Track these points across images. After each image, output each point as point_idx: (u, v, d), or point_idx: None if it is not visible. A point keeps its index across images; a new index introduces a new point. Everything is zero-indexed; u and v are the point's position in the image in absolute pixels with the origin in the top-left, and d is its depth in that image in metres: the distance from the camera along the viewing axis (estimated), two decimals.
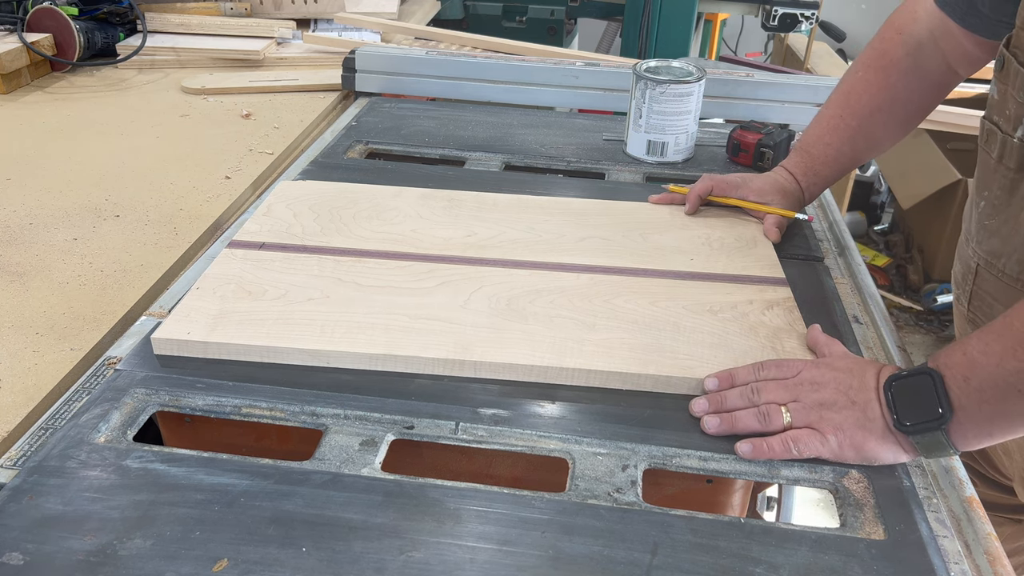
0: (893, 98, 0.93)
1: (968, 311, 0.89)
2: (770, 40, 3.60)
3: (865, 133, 0.94)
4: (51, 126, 1.30)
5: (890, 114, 0.93)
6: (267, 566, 0.54)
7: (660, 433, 0.66)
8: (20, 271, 0.89)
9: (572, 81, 1.38)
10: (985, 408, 0.60)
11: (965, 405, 0.60)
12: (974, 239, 0.86)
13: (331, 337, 0.73)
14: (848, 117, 0.95)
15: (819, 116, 0.98)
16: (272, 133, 1.30)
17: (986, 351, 0.60)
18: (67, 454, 0.62)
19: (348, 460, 0.63)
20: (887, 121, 0.94)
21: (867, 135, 0.95)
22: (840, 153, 0.96)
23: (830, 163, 0.97)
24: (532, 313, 0.78)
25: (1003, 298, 0.82)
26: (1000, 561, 0.57)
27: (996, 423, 0.60)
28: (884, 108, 0.93)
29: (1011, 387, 0.58)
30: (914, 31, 0.91)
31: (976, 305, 0.87)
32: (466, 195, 1.01)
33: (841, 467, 0.64)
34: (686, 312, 0.79)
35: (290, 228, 0.92)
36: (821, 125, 0.97)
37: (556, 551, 0.56)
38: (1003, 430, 0.61)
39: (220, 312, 0.76)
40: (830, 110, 0.97)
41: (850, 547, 0.57)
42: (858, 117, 0.94)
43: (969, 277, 0.87)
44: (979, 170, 0.84)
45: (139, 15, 1.61)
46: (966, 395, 0.60)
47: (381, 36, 1.73)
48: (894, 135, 0.96)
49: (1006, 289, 0.81)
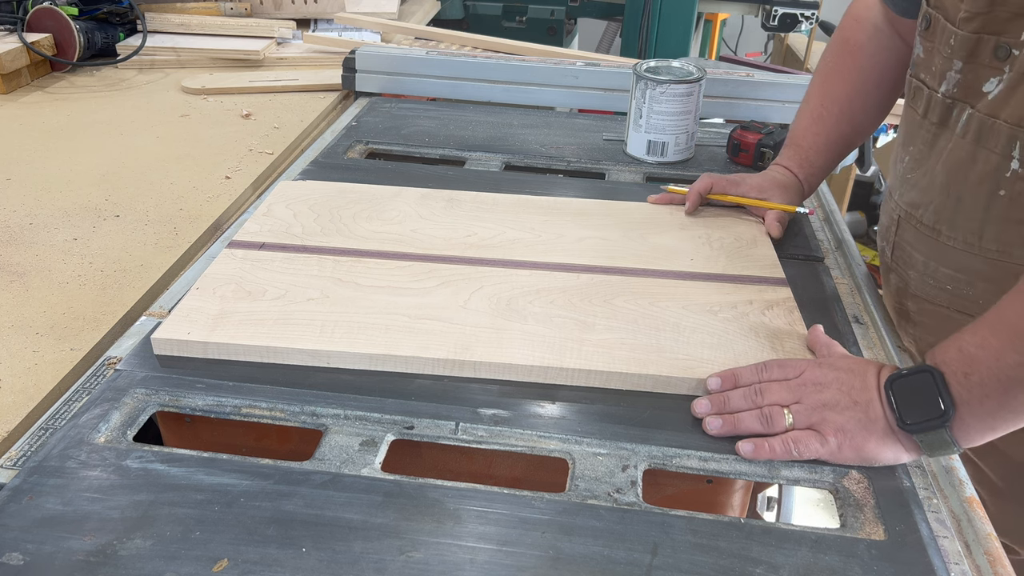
0: (865, 80, 0.96)
1: (892, 261, 0.91)
2: (770, 40, 3.60)
3: (848, 118, 0.97)
4: (51, 126, 1.30)
5: (867, 96, 0.97)
6: (267, 566, 0.54)
7: (660, 433, 0.66)
8: (20, 271, 0.89)
9: (572, 81, 1.38)
10: (987, 403, 0.60)
11: (967, 400, 0.60)
12: (897, 192, 0.88)
13: (331, 337, 0.73)
14: (829, 104, 0.98)
15: (801, 110, 1.01)
16: (272, 133, 1.30)
17: (983, 345, 0.60)
18: (67, 454, 0.62)
19: (348, 460, 0.63)
20: (865, 104, 0.97)
21: (850, 120, 0.98)
22: (829, 141, 0.98)
23: (822, 151, 0.99)
24: (532, 313, 0.78)
25: (921, 247, 0.84)
26: (1000, 561, 0.57)
27: (999, 416, 0.60)
28: (860, 92, 0.96)
29: (1012, 380, 0.58)
30: (869, 16, 0.96)
31: (897, 255, 0.90)
32: (466, 195, 1.01)
33: (841, 467, 0.64)
34: (686, 312, 0.79)
35: (290, 228, 0.92)
36: (805, 117, 1.00)
37: (556, 551, 0.56)
38: (1006, 422, 0.61)
39: (220, 312, 0.76)
40: (811, 102, 1.00)
41: (850, 547, 0.57)
42: (838, 103, 0.97)
43: (892, 229, 0.90)
44: (904, 126, 0.87)
45: (139, 15, 1.61)
46: (967, 391, 0.60)
47: (381, 36, 1.73)
48: (875, 117, 0.99)
49: (924, 239, 0.84)
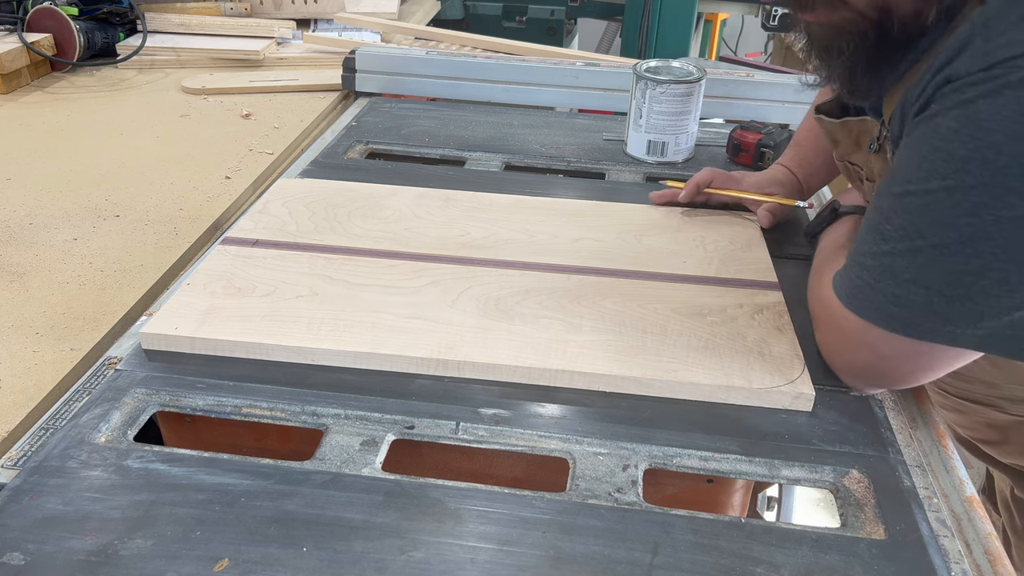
0: None
1: None
2: (770, 40, 3.60)
3: None
4: (51, 126, 1.30)
5: None
6: (268, 566, 0.54)
7: (660, 433, 0.66)
8: (20, 271, 0.89)
9: (572, 81, 1.38)
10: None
11: None
12: None
13: (317, 334, 0.74)
14: None
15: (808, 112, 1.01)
16: (272, 133, 1.30)
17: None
18: (67, 454, 0.62)
19: (349, 460, 0.63)
20: None
21: None
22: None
23: (820, 151, 0.98)
24: (519, 314, 0.78)
25: None
26: (1000, 561, 0.57)
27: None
28: None
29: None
30: None
31: None
32: (462, 195, 1.01)
33: (842, 467, 0.64)
34: (674, 315, 0.79)
35: (285, 226, 0.92)
36: (808, 119, 1.00)
37: (557, 551, 0.56)
38: None
39: (209, 308, 0.76)
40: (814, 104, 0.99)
41: (851, 547, 0.57)
42: None
43: None
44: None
45: (139, 15, 1.61)
46: None
47: (381, 36, 1.72)
48: None
49: None
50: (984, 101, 0.55)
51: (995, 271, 0.57)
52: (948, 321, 0.61)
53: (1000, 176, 0.55)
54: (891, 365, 0.67)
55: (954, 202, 0.57)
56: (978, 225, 0.57)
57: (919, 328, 0.63)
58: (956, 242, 0.58)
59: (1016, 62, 0.54)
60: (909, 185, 0.60)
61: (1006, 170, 0.55)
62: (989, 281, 0.58)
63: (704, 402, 0.70)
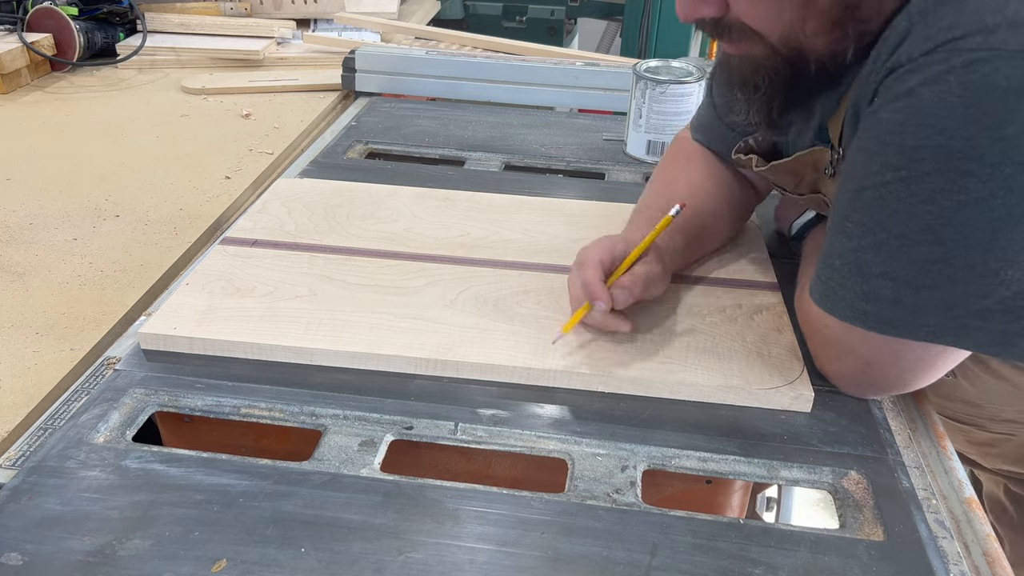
0: (712, 173, 0.88)
1: None
2: None
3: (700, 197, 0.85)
4: (51, 126, 1.30)
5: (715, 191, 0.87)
6: (266, 566, 0.54)
7: (659, 434, 0.66)
8: (20, 271, 0.89)
9: (572, 81, 1.38)
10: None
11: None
12: None
13: (315, 335, 0.74)
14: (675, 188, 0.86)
15: (663, 174, 0.91)
16: (272, 133, 1.30)
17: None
18: (66, 454, 0.62)
19: (347, 460, 0.63)
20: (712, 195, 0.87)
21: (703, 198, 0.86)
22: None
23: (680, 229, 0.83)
24: (518, 314, 0.78)
25: None
26: (999, 562, 0.57)
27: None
28: (708, 179, 0.87)
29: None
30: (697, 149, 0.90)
31: None
32: (461, 195, 1.01)
33: (840, 468, 0.64)
34: (673, 315, 0.78)
35: (284, 226, 0.92)
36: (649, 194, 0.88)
37: (555, 552, 0.56)
38: None
39: (208, 308, 0.77)
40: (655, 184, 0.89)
41: (849, 548, 0.57)
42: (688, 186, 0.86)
43: None
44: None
45: (139, 15, 1.61)
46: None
47: (381, 36, 1.72)
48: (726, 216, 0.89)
49: None
50: (927, 89, 0.54)
51: (958, 258, 0.56)
52: (919, 313, 0.60)
53: (955, 161, 0.54)
54: (877, 369, 0.67)
55: (911, 192, 0.56)
56: (937, 212, 0.56)
57: (894, 324, 0.62)
58: (917, 231, 0.57)
59: (958, 44, 0.52)
60: (864, 180, 0.60)
61: (960, 154, 0.53)
62: (954, 268, 0.57)
63: (703, 403, 0.70)
